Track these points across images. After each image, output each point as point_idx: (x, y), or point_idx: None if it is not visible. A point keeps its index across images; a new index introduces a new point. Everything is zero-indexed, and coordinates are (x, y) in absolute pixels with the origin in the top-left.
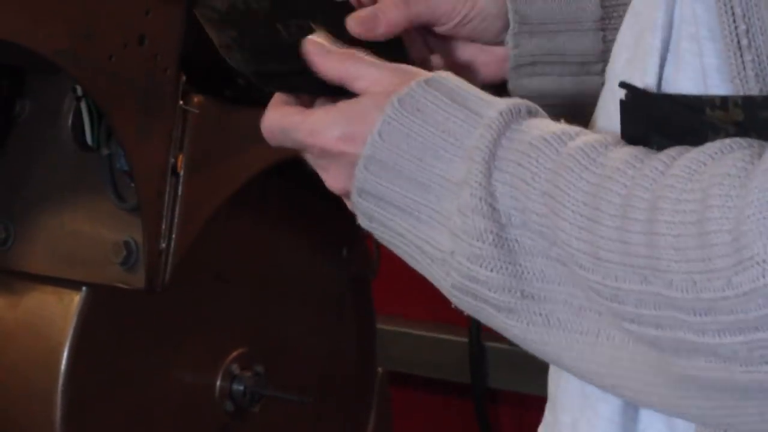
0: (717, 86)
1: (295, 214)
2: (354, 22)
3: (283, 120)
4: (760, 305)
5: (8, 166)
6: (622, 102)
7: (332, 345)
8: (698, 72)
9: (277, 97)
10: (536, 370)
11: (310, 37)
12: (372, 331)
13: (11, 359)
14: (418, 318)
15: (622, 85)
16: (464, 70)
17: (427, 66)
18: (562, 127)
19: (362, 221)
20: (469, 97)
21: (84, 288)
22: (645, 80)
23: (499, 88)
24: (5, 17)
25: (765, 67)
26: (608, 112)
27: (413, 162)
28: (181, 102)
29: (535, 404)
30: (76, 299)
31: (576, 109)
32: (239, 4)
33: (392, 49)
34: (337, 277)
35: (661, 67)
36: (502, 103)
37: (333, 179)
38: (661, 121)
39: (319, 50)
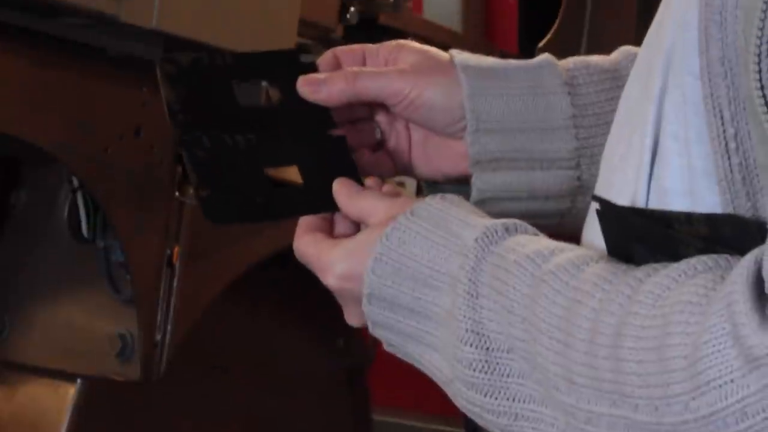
0: (705, 188)
1: (291, 305)
2: (302, 80)
3: (305, 250)
4: (720, 427)
5: (3, 256)
6: (598, 212)
7: None
8: (685, 172)
9: (302, 224)
10: None
11: (339, 179)
12: (367, 421)
13: None
14: (414, 408)
15: (595, 198)
16: (426, 161)
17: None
18: (537, 246)
19: (386, 347)
20: (451, 220)
21: (79, 380)
22: (638, 176)
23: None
24: (1, 109)
25: (752, 170)
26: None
27: (407, 293)
28: (177, 193)
29: None
30: (71, 391)
31: (550, 201)
32: (204, 59)
33: (321, 119)
34: (333, 367)
35: (652, 164)
36: (480, 225)
37: (348, 314)
38: (636, 232)
39: (346, 193)
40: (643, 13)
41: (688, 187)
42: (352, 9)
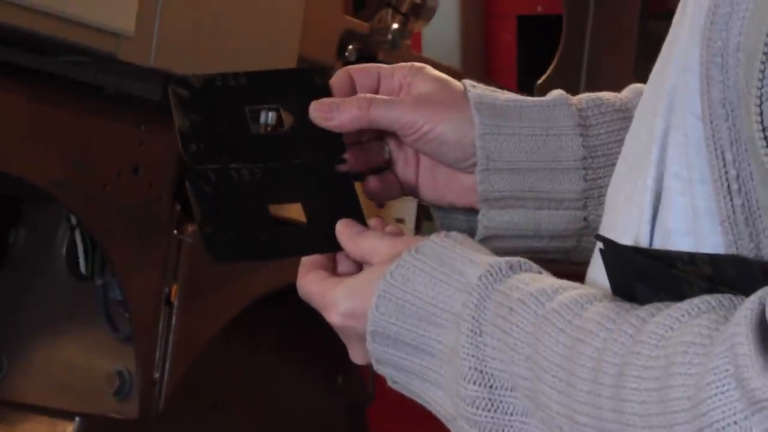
0: (708, 228)
1: (290, 342)
2: (314, 106)
3: (309, 288)
4: None
5: (2, 295)
6: (601, 252)
7: None
8: (688, 212)
9: (305, 262)
10: None
11: (342, 221)
12: None
13: None
14: None
15: (598, 237)
16: (434, 188)
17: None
18: (540, 285)
19: (390, 384)
20: (455, 257)
21: (77, 418)
22: (642, 217)
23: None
24: None
25: (754, 211)
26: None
27: (411, 330)
28: (175, 231)
29: None
30: (69, 429)
31: (555, 240)
32: (217, 80)
33: (332, 143)
34: (333, 405)
35: (656, 205)
36: (484, 263)
37: (352, 352)
38: (639, 271)
39: (348, 234)
40: (642, 49)
41: (691, 227)
42: (351, 46)
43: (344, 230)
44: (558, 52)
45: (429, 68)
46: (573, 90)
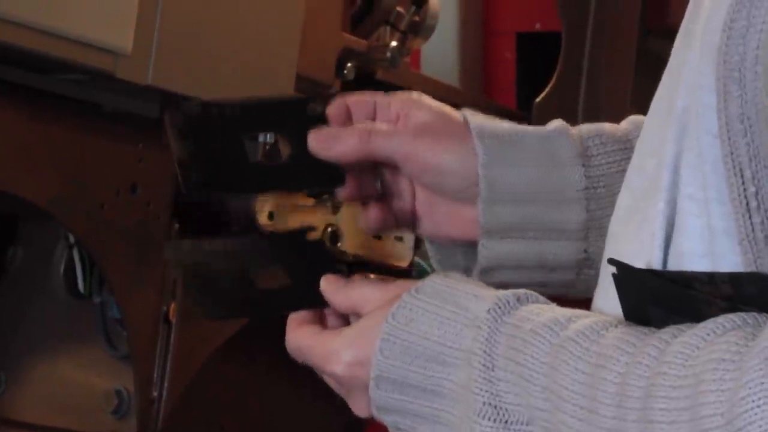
0: (726, 248)
1: (289, 360)
2: (313, 136)
3: (300, 342)
4: None
5: (0, 313)
6: (614, 276)
7: None
8: (704, 233)
9: (294, 318)
10: None
11: (325, 276)
12: None
13: None
14: None
15: (611, 261)
16: (433, 223)
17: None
18: (551, 314)
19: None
20: (459, 294)
21: None
22: (653, 243)
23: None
24: None
25: None
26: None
27: (418, 372)
28: None
29: None
30: None
31: (556, 272)
32: (212, 109)
33: (332, 174)
34: (331, 424)
35: (668, 231)
36: (491, 296)
37: (355, 405)
38: (654, 294)
39: (334, 288)
40: (641, 67)
41: (708, 248)
42: (349, 64)
43: (329, 285)
44: (557, 70)
45: (427, 98)
46: (572, 107)
